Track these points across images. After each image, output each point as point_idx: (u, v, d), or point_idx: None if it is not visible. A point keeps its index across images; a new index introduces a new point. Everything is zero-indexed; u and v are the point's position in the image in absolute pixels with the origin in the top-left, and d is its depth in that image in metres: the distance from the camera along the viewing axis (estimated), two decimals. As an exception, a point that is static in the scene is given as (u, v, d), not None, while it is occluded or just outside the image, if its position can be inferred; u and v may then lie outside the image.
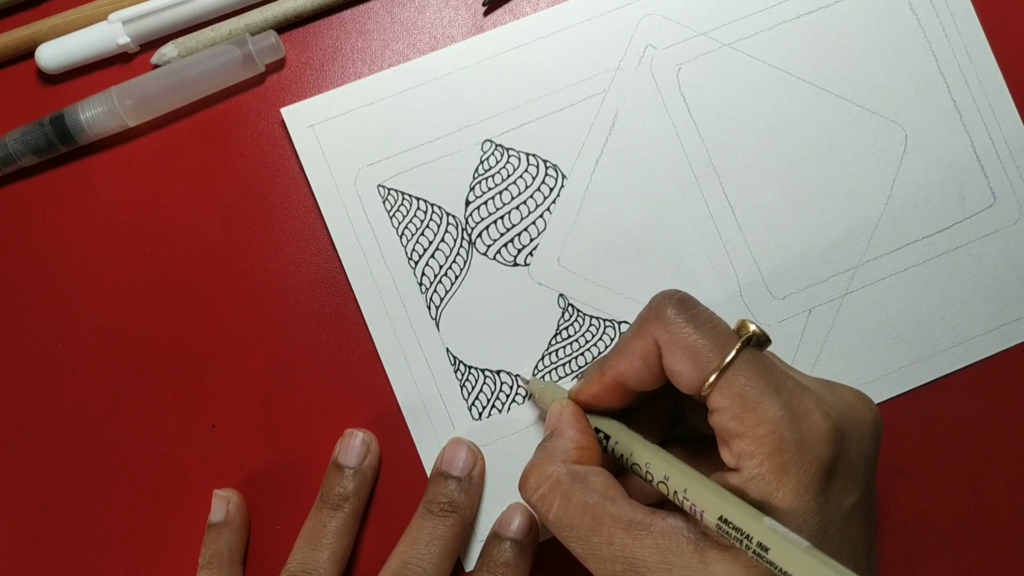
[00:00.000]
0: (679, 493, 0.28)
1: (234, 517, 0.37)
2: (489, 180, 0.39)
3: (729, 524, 0.26)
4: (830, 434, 0.28)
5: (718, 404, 0.28)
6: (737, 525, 0.26)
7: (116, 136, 0.40)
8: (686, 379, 0.29)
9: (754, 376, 0.28)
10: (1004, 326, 0.39)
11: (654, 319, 0.30)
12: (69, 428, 0.39)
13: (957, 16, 0.40)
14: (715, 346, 0.28)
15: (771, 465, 0.27)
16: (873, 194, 0.40)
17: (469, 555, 0.38)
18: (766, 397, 0.27)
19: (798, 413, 0.28)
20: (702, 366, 0.28)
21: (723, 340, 0.29)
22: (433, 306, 0.39)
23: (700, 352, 0.28)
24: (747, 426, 0.27)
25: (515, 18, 0.40)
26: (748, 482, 0.27)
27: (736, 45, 0.40)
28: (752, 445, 0.27)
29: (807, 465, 0.27)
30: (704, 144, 0.40)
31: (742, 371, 0.28)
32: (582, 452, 0.32)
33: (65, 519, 0.39)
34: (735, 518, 0.26)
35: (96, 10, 0.40)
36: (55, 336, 0.39)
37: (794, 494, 0.27)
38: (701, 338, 0.29)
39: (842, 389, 0.31)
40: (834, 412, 0.28)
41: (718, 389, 0.28)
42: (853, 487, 0.28)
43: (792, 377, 0.29)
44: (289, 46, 0.40)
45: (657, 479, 0.30)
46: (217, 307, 0.39)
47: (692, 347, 0.29)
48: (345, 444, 0.38)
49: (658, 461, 0.30)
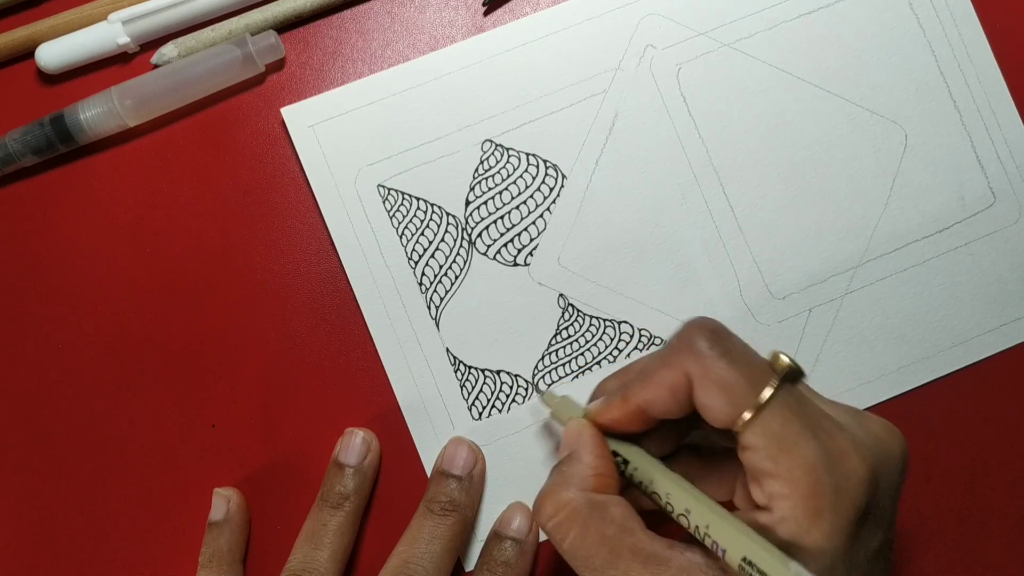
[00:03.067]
0: (700, 528, 0.28)
1: (234, 516, 0.37)
2: (489, 180, 0.39)
3: (753, 566, 0.25)
4: (867, 478, 0.27)
5: (752, 443, 0.27)
6: (762, 568, 0.25)
7: (116, 136, 0.40)
8: (718, 414, 0.28)
9: (791, 416, 0.27)
10: (1004, 326, 0.39)
11: (686, 351, 0.29)
12: (69, 428, 0.39)
13: (957, 16, 0.40)
14: (750, 383, 0.27)
15: (805, 509, 0.26)
16: (873, 194, 0.40)
17: (469, 554, 0.38)
18: (803, 439, 0.27)
19: (835, 456, 0.27)
20: (736, 404, 0.27)
21: (758, 375, 0.28)
22: (433, 306, 0.39)
23: (735, 389, 0.27)
24: (782, 468, 0.27)
25: (515, 18, 0.40)
26: (779, 523, 0.27)
27: (736, 45, 0.40)
28: (787, 487, 0.26)
29: (842, 510, 0.26)
30: (704, 144, 0.40)
31: (779, 411, 0.27)
32: (600, 480, 0.30)
33: (65, 519, 0.39)
34: (760, 560, 0.25)
35: (96, 10, 0.40)
36: (55, 336, 0.39)
37: (825, 537, 0.26)
38: (736, 374, 0.28)
39: (872, 423, 0.30)
40: (869, 454, 0.27)
41: (752, 428, 0.27)
42: (880, 526, 0.28)
43: (827, 415, 0.28)
44: (289, 46, 0.40)
45: (678, 511, 0.29)
46: (217, 307, 0.39)
47: (726, 383, 0.27)
48: (346, 443, 0.38)
49: (679, 492, 0.29)
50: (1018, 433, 0.39)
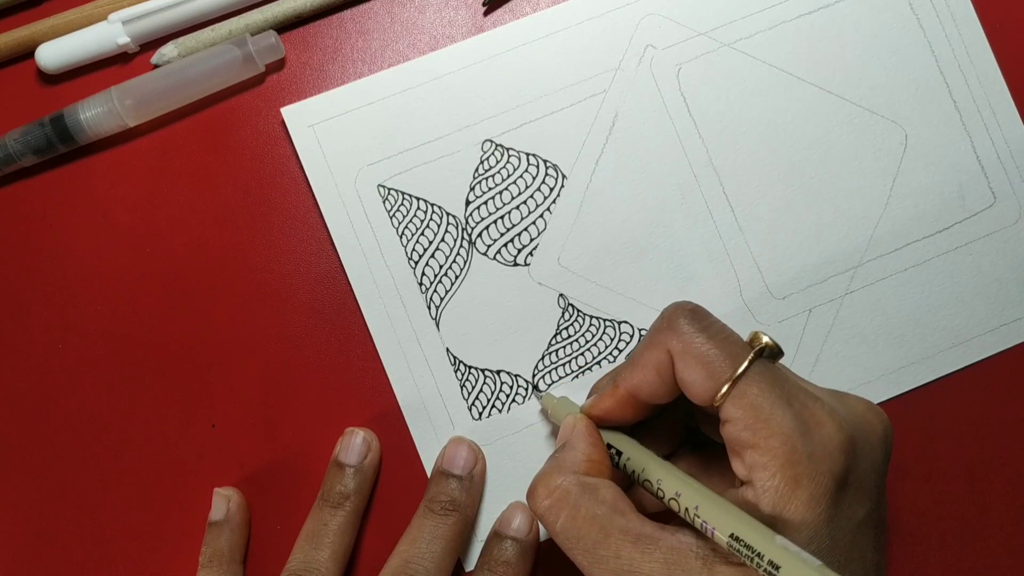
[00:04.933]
0: (690, 510, 0.28)
1: (234, 515, 0.37)
2: (489, 180, 0.39)
3: (740, 542, 0.26)
4: (842, 445, 0.27)
5: (730, 415, 0.28)
6: (748, 543, 0.26)
7: (116, 136, 0.40)
8: (698, 389, 0.29)
9: (766, 387, 0.28)
10: (1004, 326, 0.39)
11: (667, 330, 0.30)
12: (69, 428, 0.39)
13: (957, 16, 0.40)
14: (728, 356, 0.28)
15: (783, 477, 0.27)
16: (873, 194, 0.40)
17: (470, 554, 0.38)
18: (778, 408, 0.27)
19: (810, 424, 0.28)
20: (715, 376, 0.28)
21: (736, 351, 0.29)
22: (433, 306, 0.39)
23: (713, 363, 0.28)
24: (759, 437, 0.27)
25: (515, 18, 0.40)
26: (761, 495, 0.27)
27: (736, 45, 0.40)
28: (765, 456, 0.27)
29: (819, 476, 0.27)
30: (704, 144, 0.40)
31: (754, 382, 0.28)
32: (592, 465, 0.31)
33: (65, 519, 0.39)
34: (747, 536, 0.26)
35: (96, 10, 0.40)
36: (55, 336, 0.39)
37: (806, 506, 0.27)
38: (714, 348, 0.29)
39: (852, 400, 0.31)
40: (846, 423, 0.28)
41: (730, 400, 0.28)
42: (864, 499, 0.28)
43: (804, 388, 0.29)
44: (289, 46, 0.40)
45: (668, 496, 0.29)
46: (217, 307, 0.39)
47: (705, 357, 0.29)
48: (346, 442, 0.38)
49: (670, 478, 0.30)
50: (1018, 433, 0.39)
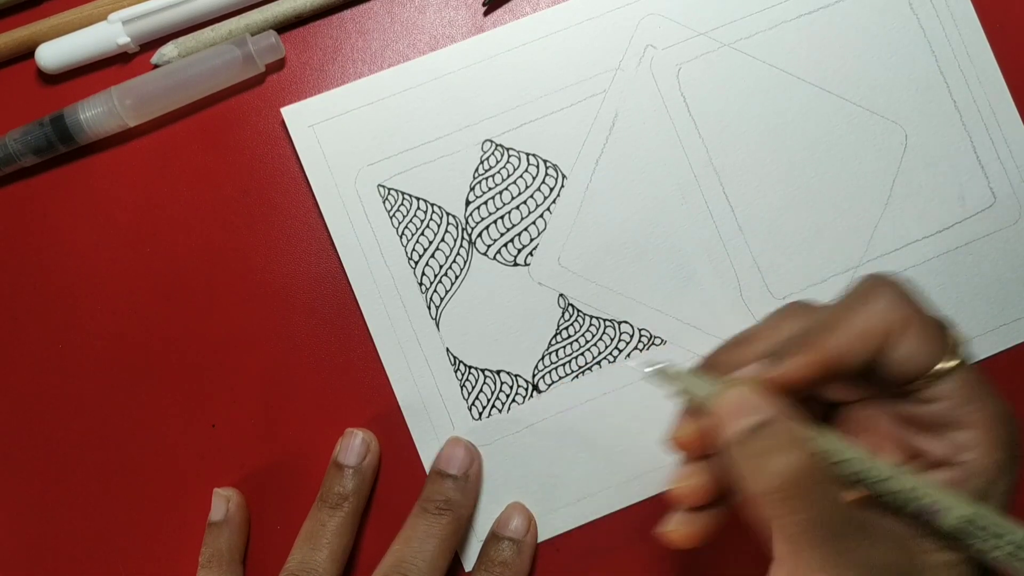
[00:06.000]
0: (904, 493, 0.27)
1: (234, 516, 0.37)
2: (489, 180, 0.39)
3: (974, 524, 0.26)
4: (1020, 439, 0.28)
5: (946, 392, 0.28)
6: (985, 526, 0.26)
7: (116, 136, 0.40)
8: (919, 361, 0.28)
9: (977, 370, 0.28)
10: (1004, 326, 0.39)
11: (883, 299, 0.28)
12: (69, 428, 0.39)
13: (957, 16, 0.40)
14: (947, 333, 0.28)
15: (994, 459, 0.27)
16: (873, 194, 0.40)
17: (469, 555, 0.38)
18: (989, 392, 0.28)
19: (1009, 414, 0.28)
20: (936, 352, 0.28)
21: (947, 328, 0.29)
22: (433, 306, 0.39)
23: (937, 338, 0.28)
24: (976, 417, 0.27)
25: (515, 18, 0.40)
26: (969, 476, 0.27)
27: (736, 45, 0.40)
28: (980, 435, 0.27)
29: (1015, 467, 0.27)
30: (704, 144, 0.40)
31: (971, 364, 0.28)
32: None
33: (65, 519, 0.39)
34: (982, 518, 0.26)
35: (96, 10, 0.40)
36: (55, 336, 0.39)
37: (1003, 494, 0.27)
38: (937, 323, 0.28)
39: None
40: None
41: (951, 376, 0.28)
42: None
43: None
44: (289, 46, 0.40)
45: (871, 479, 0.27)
46: (217, 307, 0.39)
47: (929, 329, 0.28)
48: (345, 443, 0.38)
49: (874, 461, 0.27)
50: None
